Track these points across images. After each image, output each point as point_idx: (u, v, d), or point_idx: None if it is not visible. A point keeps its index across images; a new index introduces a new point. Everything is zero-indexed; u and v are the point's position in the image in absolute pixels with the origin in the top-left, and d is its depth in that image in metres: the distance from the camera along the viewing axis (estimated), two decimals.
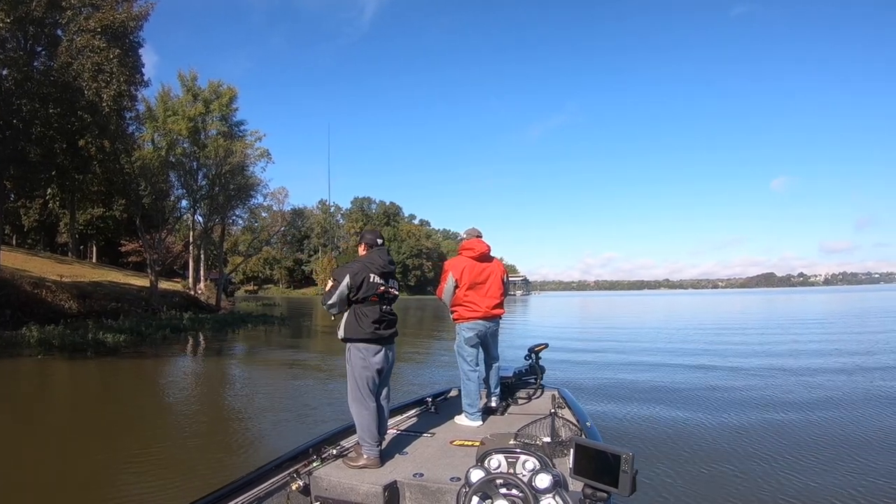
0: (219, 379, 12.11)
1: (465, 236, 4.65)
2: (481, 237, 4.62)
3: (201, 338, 20.59)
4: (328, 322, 33.37)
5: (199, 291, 36.43)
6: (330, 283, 3.51)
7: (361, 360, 3.45)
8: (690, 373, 11.15)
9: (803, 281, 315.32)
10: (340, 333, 3.52)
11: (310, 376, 11.95)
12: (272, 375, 12.34)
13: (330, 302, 3.49)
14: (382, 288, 3.51)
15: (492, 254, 4.64)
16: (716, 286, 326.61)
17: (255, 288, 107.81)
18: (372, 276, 3.48)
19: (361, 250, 3.69)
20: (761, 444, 6.07)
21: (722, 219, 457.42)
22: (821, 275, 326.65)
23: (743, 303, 56.80)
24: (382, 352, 3.50)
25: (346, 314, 3.52)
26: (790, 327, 23.22)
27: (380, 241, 3.70)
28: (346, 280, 3.44)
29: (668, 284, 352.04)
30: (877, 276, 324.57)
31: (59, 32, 19.97)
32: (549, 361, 5.36)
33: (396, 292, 3.63)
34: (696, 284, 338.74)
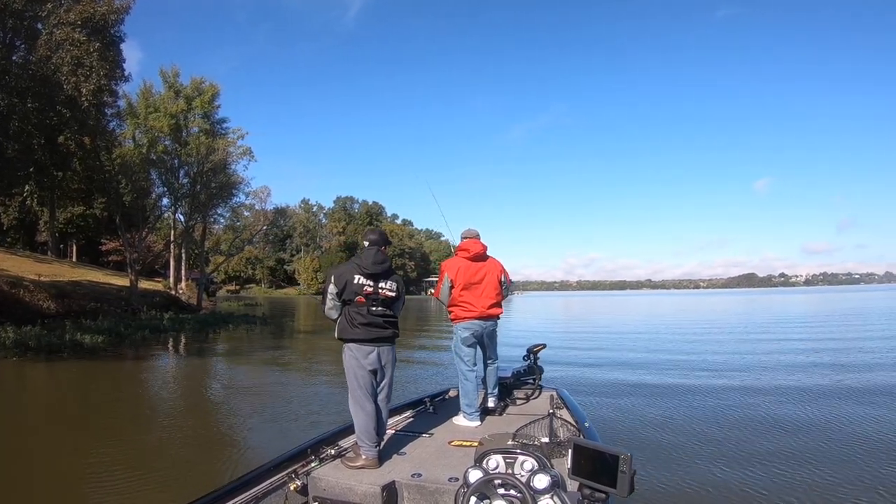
0: (198, 382, 11.87)
1: (463, 236, 4.68)
2: (479, 238, 4.64)
3: (182, 339, 20.26)
4: (311, 322, 33.23)
5: (181, 291, 35.88)
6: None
7: (354, 360, 3.47)
8: (682, 373, 11.30)
9: (784, 281, 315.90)
10: (335, 334, 3.55)
11: (291, 378, 11.81)
12: (252, 377, 12.19)
13: (325, 308, 3.55)
14: (370, 289, 3.48)
15: (488, 253, 4.65)
16: (697, 286, 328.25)
17: (237, 287, 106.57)
18: (357, 277, 3.46)
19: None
20: (758, 442, 6.19)
21: (705, 220, 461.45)
22: (802, 275, 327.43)
23: (724, 304, 57.38)
24: (375, 352, 3.50)
25: (339, 315, 3.54)
26: (773, 327, 23.63)
27: (367, 241, 3.67)
28: (331, 283, 3.48)
29: (651, 285, 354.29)
30: (857, 276, 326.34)
31: (39, 26, 19.55)
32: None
33: (391, 293, 3.58)
34: (679, 285, 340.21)
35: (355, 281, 3.45)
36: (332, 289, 3.47)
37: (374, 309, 3.49)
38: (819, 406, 7.88)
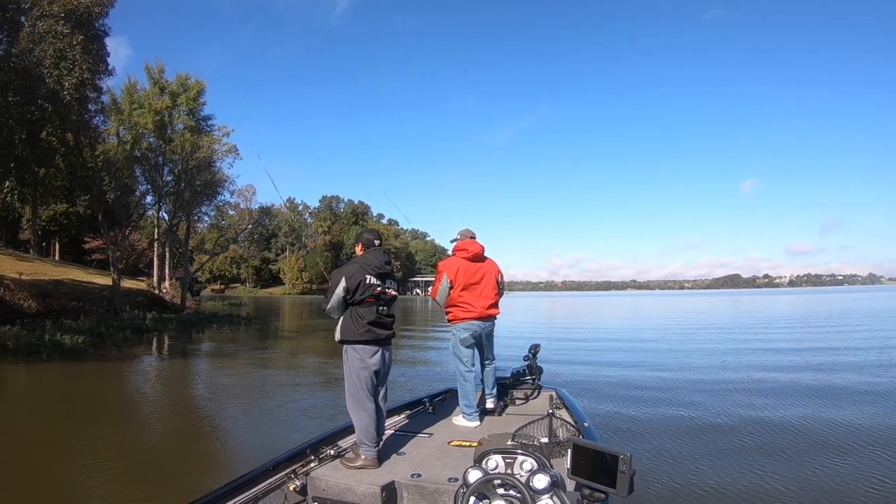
0: (179, 384, 11.56)
1: (458, 237, 4.67)
2: (475, 238, 4.66)
3: (165, 339, 19.91)
4: (295, 323, 32.98)
5: (164, 290, 35.42)
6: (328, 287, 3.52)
7: (359, 361, 3.46)
8: (678, 373, 11.38)
9: (769, 282, 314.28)
10: (337, 335, 3.52)
11: (276, 379, 11.63)
12: (235, 378, 11.98)
13: (328, 307, 3.50)
14: (379, 289, 3.50)
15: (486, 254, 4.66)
16: (682, 287, 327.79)
17: (222, 287, 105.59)
18: (368, 277, 3.48)
19: (359, 250, 3.69)
20: (756, 440, 6.29)
21: (690, 220, 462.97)
22: (786, 276, 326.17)
23: (710, 305, 57.84)
24: (379, 353, 3.52)
25: (342, 316, 3.51)
26: (758, 329, 23.94)
27: (377, 241, 3.69)
28: (343, 283, 3.43)
29: (635, 285, 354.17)
30: (840, 277, 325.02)
31: (22, 18, 19.17)
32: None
33: (394, 293, 3.64)
34: (663, 285, 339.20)
35: (367, 281, 3.46)
36: (340, 290, 3.43)
37: (381, 309, 3.52)
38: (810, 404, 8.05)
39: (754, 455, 5.66)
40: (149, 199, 32.47)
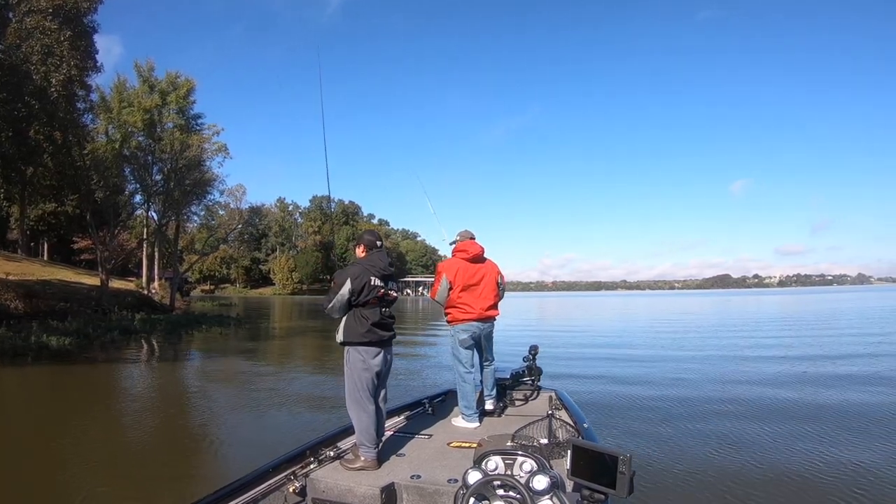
0: (167, 387, 11.32)
1: (458, 238, 4.67)
2: (474, 239, 4.65)
3: (153, 340, 19.65)
4: (286, 323, 32.81)
5: (153, 291, 35.12)
6: (331, 287, 3.52)
7: (361, 362, 3.46)
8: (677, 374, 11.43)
9: (758, 282, 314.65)
10: (339, 337, 3.51)
11: (269, 383, 11.43)
12: (225, 380, 11.87)
13: (330, 307, 3.49)
14: (382, 291, 3.51)
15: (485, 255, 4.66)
16: (672, 287, 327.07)
17: (212, 287, 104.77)
18: (373, 278, 3.48)
19: (360, 252, 3.68)
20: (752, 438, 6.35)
21: (681, 220, 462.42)
22: (775, 276, 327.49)
23: (701, 306, 58.16)
24: (381, 354, 3.52)
25: (345, 317, 3.51)
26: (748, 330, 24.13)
27: (379, 243, 3.70)
28: (348, 285, 3.43)
29: (626, 285, 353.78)
30: (829, 278, 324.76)
31: (10, 14, 18.95)
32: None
33: (396, 294, 3.64)
34: (653, 286, 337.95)
35: (372, 283, 3.47)
36: (346, 291, 3.43)
37: (384, 310, 3.54)
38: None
39: (754, 455, 5.71)
40: (138, 198, 32.16)
